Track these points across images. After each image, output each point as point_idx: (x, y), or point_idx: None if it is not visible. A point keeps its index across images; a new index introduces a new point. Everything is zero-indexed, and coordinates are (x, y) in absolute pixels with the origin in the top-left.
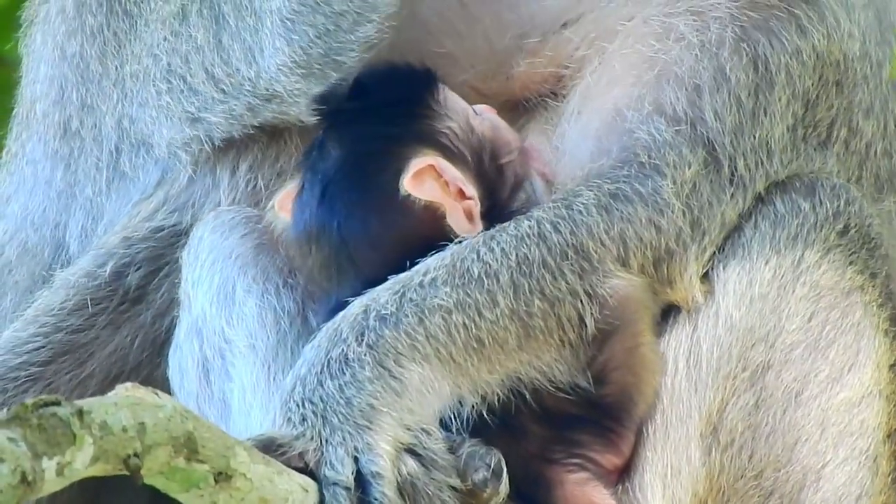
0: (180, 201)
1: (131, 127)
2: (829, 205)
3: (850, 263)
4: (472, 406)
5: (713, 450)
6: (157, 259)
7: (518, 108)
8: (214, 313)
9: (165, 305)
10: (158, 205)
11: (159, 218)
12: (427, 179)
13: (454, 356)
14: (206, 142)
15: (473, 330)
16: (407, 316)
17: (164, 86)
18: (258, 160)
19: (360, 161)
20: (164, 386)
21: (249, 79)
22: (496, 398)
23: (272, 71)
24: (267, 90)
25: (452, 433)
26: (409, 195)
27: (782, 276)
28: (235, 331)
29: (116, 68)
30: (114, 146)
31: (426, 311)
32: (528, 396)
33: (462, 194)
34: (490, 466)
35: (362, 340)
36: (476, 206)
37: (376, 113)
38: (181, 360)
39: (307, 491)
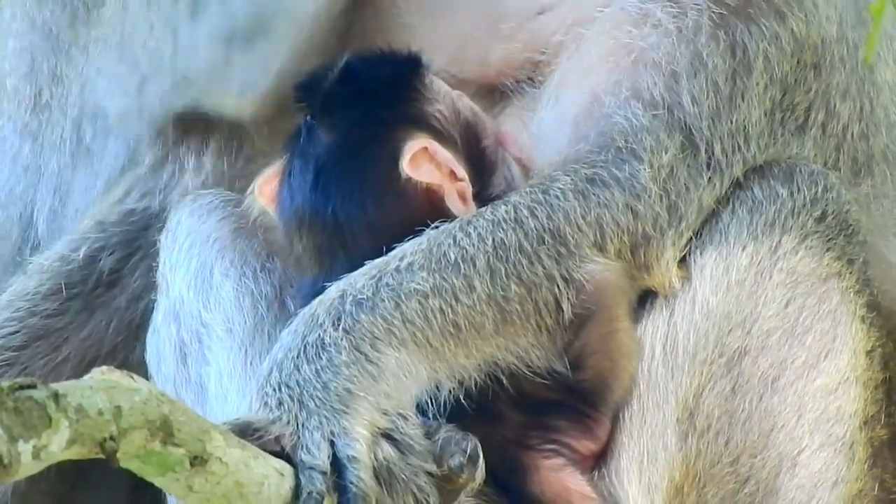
0: (149, 185)
1: (90, 95)
2: (806, 191)
3: (828, 250)
4: (449, 391)
5: (689, 435)
6: (131, 243)
7: (495, 94)
8: (192, 297)
9: (140, 289)
10: (128, 188)
11: (130, 202)
12: (423, 162)
13: (431, 341)
14: (150, 117)
15: (450, 314)
16: (383, 301)
17: (117, 55)
18: (223, 145)
19: (355, 146)
20: (139, 370)
21: (171, 53)
22: (473, 383)
23: (196, 41)
24: (186, 65)
25: (429, 418)
26: (409, 178)
27: (759, 263)
28: (213, 315)
29: (83, 34)
30: (77, 115)
31: (403, 296)
32: (504, 381)
33: (454, 176)
34: (466, 452)
35: (339, 325)
36: (468, 188)
37: (366, 97)
38: (158, 343)
39: (283, 475)
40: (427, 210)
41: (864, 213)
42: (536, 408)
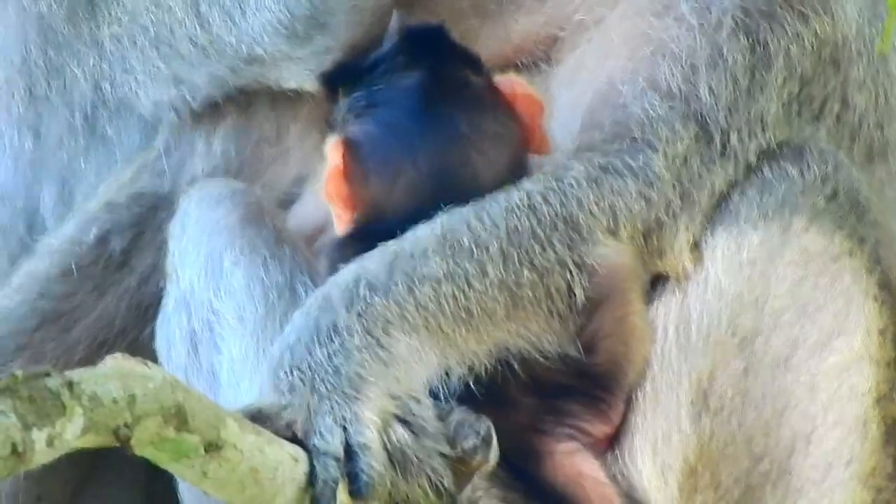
0: (158, 168)
1: (112, 90)
2: (816, 170)
3: (839, 228)
4: (461, 377)
5: (703, 416)
6: (140, 224)
7: (513, 70)
8: (202, 286)
9: (150, 270)
10: (138, 170)
11: (139, 184)
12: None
13: (443, 326)
14: (190, 102)
15: (463, 300)
16: (397, 285)
17: (153, 53)
18: (232, 129)
19: (448, 72)
20: (149, 351)
21: (230, 43)
22: (485, 369)
23: (255, 32)
24: (249, 53)
25: (440, 402)
26: (510, 90)
27: (770, 242)
28: (223, 303)
29: (91, 30)
30: (89, 109)
31: (416, 281)
32: (517, 367)
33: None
34: (480, 434)
35: (352, 309)
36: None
37: (436, 45)
38: (169, 333)
39: (297, 461)
40: (521, 127)
41: (878, 196)
42: (549, 392)
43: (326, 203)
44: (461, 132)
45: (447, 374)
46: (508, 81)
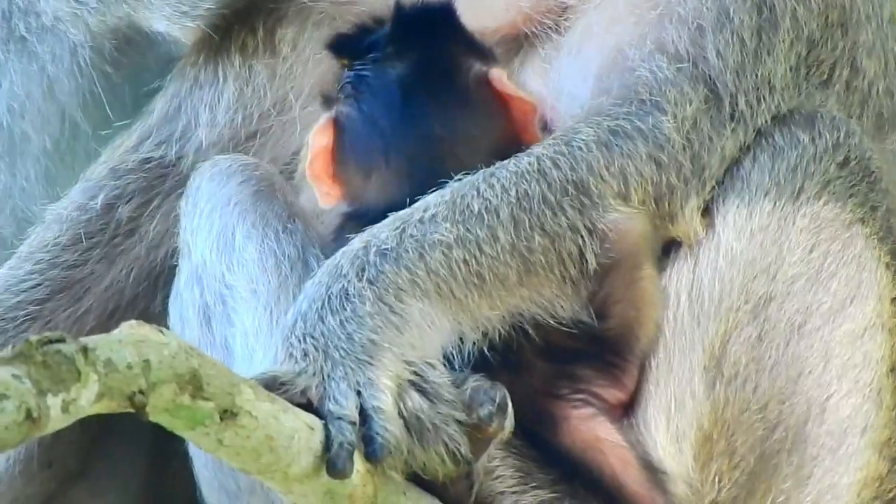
0: (163, 134)
1: None
2: (828, 136)
3: (851, 196)
4: (474, 343)
5: (717, 383)
6: (148, 190)
7: (516, 43)
8: (214, 260)
9: (159, 237)
10: (142, 136)
11: (144, 150)
12: (506, 79)
13: (455, 292)
14: (86, 21)
15: (474, 265)
16: (407, 251)
17: None
18: (236, 100)
19: (437, 65)
20: (160, 319)
21: None
22: (498, 335)
23: None
24: None
25: (455, 369)
26: (498, 89)
27: (782, 208)
28: (236, 276)
29: None
30: (6, 6)
31: (426, 247)
32: (530, 332)
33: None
34: (495, 401)
35: (363, 276)
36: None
37: (430, 31)
38: (182, 308)
39: (313, 429)
40: (508, 127)
41: (890, 166)
42: (563, 357)
43: (311, 180)
44: (435, 133)
45: (461, 340)
46: (500, 79)
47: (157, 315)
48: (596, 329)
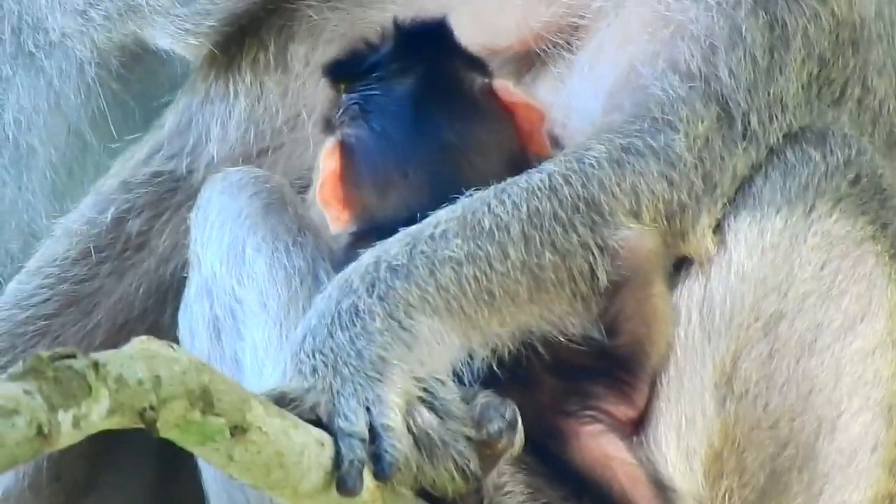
0: (174, 147)
1: (31, 5)
2: (839, 154)
3: (862, 213)
4: (483, 359)
5: (728, 400)
6: (158, 204)
7: (527, 61)
8: (224, 273)
9: (168, 251)
10: (153, 149)
11: (155, 163)
12: (512, 89)
13: (465, 308)
14: (93, 37)
15: (484, 282)
16: (418, 268)
17: None
18: (247, 115)
19: (442, 79)
20: (170, 333)
21: None
22: (507, 351)
23: None
24: (132, 1)
25: (464, 385)
26: (507, 98)
27: (794, 226)
28: (246, 289)
29: None
30: (16, 21)
31: (437, 263)
32: (539, 348)
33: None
34: (505, 417)
35: (373, 292)
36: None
37: (432, 46)
38: (191, 320)
39: (323, 445)
40: (516, 135)
41: None
42: (572, 374)
43: (321, 205)
44: (451, 143)
45: (470, 356)
46: (506, 88)
47: (166, 329)
48: (606, 346)
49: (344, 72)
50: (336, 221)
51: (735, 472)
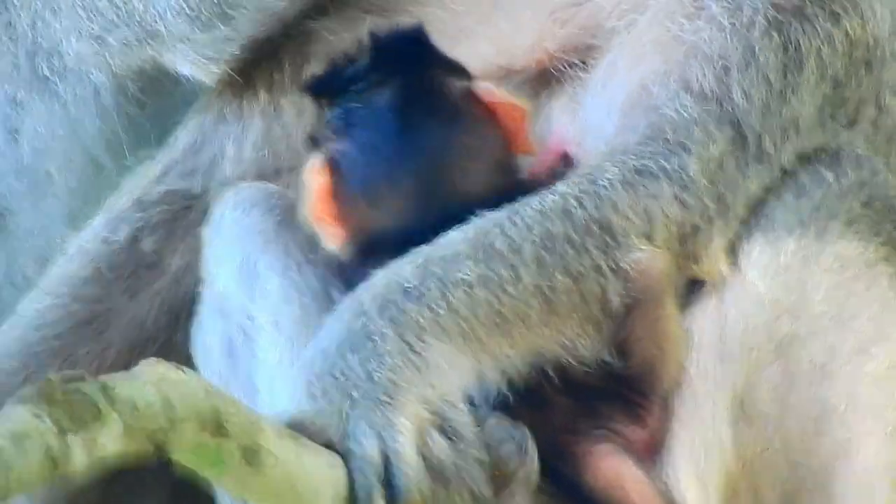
0: (189, 166)
1: (45, 30)
2: (853, 175)
3: (875, 234)
4: (495, 382)
5: (741, 423)
6: (171, 223)
7: (544, 81)
8: (237, 291)
9: (181, 270)
10: (167, 167)
11: (169, 181)
12: (495, 91)
13: (476, 331)
14: (110, 64)
15: (496, 305)
16: (430, 290)
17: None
18: (262, 135)
19: (422, 86)
20: (182, 354)
21: (139, 10)
22: (518, 373)
23: (161, 7)
24: (151, 26)
25: (475, 408)
26: (488, 99)
27: (807, 247)
28: (259, 308)
29: None
30: (30, 46)
31: (449, 285)
32: (550, 370)
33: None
34: (517, 441)
35: (384, 314)
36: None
37: (411, 55)
38: (205, 337)
39: (334, 468)
40: (501, 135)
41: None
42: (584, 395)
43: (314, 223)
44: (436, 149)
45: (482, 379)
46: (487, 90)
47: (179, 350)
48: (617, 367)
49: (324, 87)
50: (331, 238)
51: (748, 494)
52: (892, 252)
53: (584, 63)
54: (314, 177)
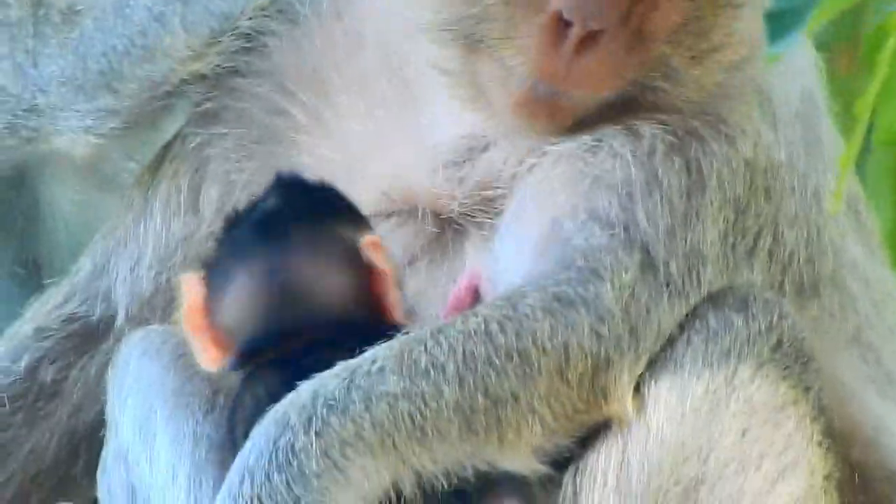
0: (89, 291)
1: None
2: (762, 319)
3: (784, 378)
4: (412, 488)
5: None
6: (72, 352)
7: (456, 221)
8: (138, 443)
9: (81, 400)
10: (68, 294)
11: (70, 308)
12: (376, 251)
13: (397, 444)
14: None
15: (419, 418)
16: (354, 403)
17: None
18: (156, 255)
19: (312, 233)
20: (81, 485)
21: (14, 94)
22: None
23: (43, 81)
24: (29, 101)
25: None
26: (366, 260)
27: (715, 392)
28: (157, 464)
29: None
30: None
31: (373, 399)
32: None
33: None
34: None
35: (310, 428)
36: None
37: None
38: (110, 482)
39: None
40: (370, 298)
41: (810, 333)
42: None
43: (189, 336)
44: (289, 266)
45: (401, 487)
46: (371, 247)
47: (77, 480)
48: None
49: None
50: (204, 352)
51: None
52: (801, 394)
53: (487, 212)
54: (187, 291)
